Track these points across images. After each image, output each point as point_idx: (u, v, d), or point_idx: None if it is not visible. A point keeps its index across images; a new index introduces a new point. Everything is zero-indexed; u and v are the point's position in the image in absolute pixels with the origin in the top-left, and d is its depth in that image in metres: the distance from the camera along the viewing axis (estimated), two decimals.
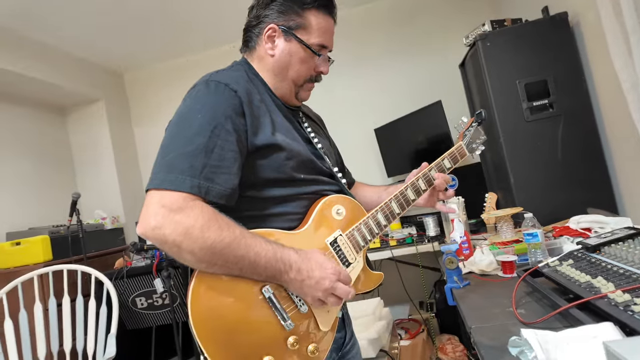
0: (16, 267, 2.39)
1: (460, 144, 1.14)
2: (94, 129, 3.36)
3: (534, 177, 1.73)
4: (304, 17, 0.89)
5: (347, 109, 3.20)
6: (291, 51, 0.90)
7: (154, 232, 0.70)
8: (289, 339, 0.77)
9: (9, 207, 2.72)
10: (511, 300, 0.92)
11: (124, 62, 3.46)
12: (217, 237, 0.71)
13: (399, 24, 3.13)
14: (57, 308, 1.84)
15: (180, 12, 2.79)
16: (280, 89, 0.93)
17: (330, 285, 0.77)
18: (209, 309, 0.73)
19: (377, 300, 2.13)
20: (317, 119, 1.15)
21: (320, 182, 0.92)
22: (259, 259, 0.74)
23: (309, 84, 0.95)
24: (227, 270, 0.74)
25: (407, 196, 1.01)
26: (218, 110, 0.78)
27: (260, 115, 0.84)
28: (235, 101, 0.80)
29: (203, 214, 0.71)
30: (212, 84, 0.81)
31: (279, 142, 0.83)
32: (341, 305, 0.87)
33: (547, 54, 1.73)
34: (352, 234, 0.91)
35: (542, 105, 1.73)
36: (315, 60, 0.92)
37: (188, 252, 0.70)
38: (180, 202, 0.71)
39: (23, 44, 2.70)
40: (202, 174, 0.74)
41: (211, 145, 0.75)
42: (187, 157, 0.74)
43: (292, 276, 0.76)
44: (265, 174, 0.83)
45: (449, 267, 1.20)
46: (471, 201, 2.05)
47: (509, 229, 1.53)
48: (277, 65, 0.91)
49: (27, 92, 2.94)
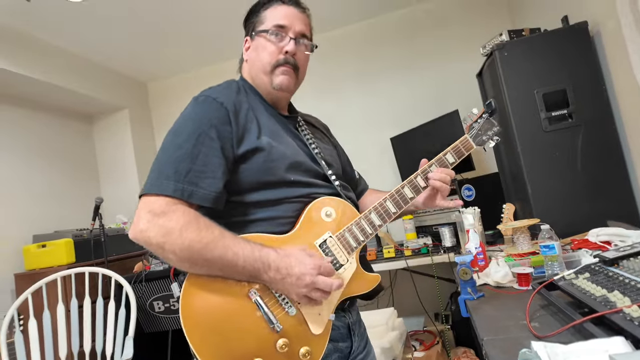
0: (41, 269, 2.48)
1: (466, 137, 1.08)
2: (118, 136, 3.48)
3: (553, 188, 1.70)
4: (261, 16, 0.97)
5: (363, 118, 3.22)
6: (256, 46, 0.96)
7: (142, 235, 0.76)
8: (279, 341, 0.78)
9: (37, 210, 2.84)
10: (525, 312, 0.90)
11: (148, 72, 3.58)
12: (196, 238, 0.75)
13: (416, 34, 3.14)
14: (78, 309, 1.90)
15: (202, 25, 2.88)
16: (261, 87, 0.97)
17: (312, 280, 0.78)
18: (199, 312, 0.77)
19: (390, 310, 2.12)
20: (321, 126, 1.17)
21: (312, 185, 0.92)
22: (237, 259, 0.76)
23: (279, 68, 0.94)
24: (208, 270, 0.78)
25: (404, 194, 0.98)
26: (203, 120, 0.84)
27: (247, 122, 0.88)
28: (221, 111, 0.85)
29: (184, 216, 0.76)
30: (200, 98, 0.88)
31: (262, 145, 0.86)
32: (335, 307, 0.86)
33: (566, 64, 1.71)
34: (342, 235, 0.90)
35: (561, 115, 1.70)
36: (278, 43, 0.94)
37: (170, 252, 0.75)
38: (163, 206, 0.77)
39: (54, 55, 2.83)
40: (186, 178, 0.79)
41: (196, 152, 0.81)
42: (173, 163, 0.80)
43: (271, 275, 0.78)
44: (252, 177, 0.86)
45: (462, 278, 1.18)
46: (489, 212, 2.03)
47: (526, 240, 1.50)
48: (251, 65, 0.98)
49: (56, 101, 3.08)
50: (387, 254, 2.36)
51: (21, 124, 2.87)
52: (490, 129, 1.11)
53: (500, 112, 1.91)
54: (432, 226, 2.59)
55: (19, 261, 2.58)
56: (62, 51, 2.90)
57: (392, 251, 2.36)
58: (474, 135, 1.09)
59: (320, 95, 3.31)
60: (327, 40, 3.34)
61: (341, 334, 0.92)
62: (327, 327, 0.84)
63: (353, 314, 1.00)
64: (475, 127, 1.10)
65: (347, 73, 3.28)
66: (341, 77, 3.29)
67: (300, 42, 0.97)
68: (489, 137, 1.10)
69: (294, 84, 0.98)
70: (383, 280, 2.99)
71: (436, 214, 2.56)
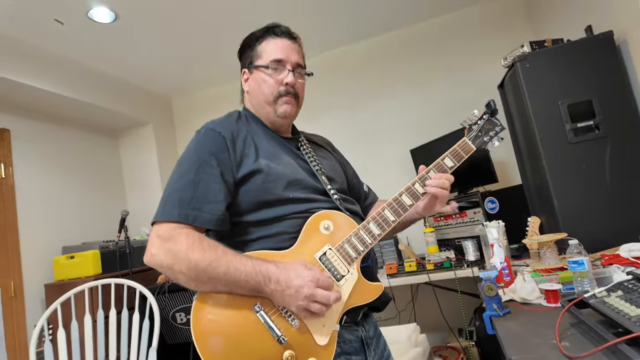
0: (70, 279, 2.55)
1: (464, 139, 1.07)
2: (143, 150, 3.58)
3: (580, 201, 1.65)
4: (257, 50, 1.03)
5: (384, 130, 3.22)
6: (256, 79, 1.03)
7: (153, 259, 0.84)
8: (285, 353, 0.81)
9: (66, 223, 2.94)
10: (554, 331, 0.88)
11: (172, 89, 3.70)
12: (200, 257, 0.81)
13: (437, 46, 3.14)
14: (104, 320, 1.94)
15: (224, 45, 2.97)
16: (263, 115, 1.04)
17: (310, 292, 0.80)
18: (209, 327, 0.82)
19: (412, 326, 2.08)
20: (324, 143, 1.22)
21: (312, 200, 0.96)
22: (239, 274, 0.81)
23: (282, 98, 1.01)
24: (214, 287, 0.83)
25: (402, 202, 0.98)
26: (203, 150, 0.92)
27: (245, 147, 0.95)
28: (219, 140, 0.93)
29: (188, 239, 0.83)
30: (202, 131, 0.96)
31: (261, 167, 0.92)
32: (339, 318, 0.87)
33: (591, 74, 1.68)
34: (341, 246, 0.92)
35: (587, 126, 1.66)
36: (277, 75, 1.00)
37: (178, 272, 0.82)
38: (170, 231, 0.84)
39: (84, 74, 2.96)
40: (190, 204, 0.86)
41: (197, 180, 0.89)
42: (178, 192, 0.88)
43: (272, 287, 0.82)
44: (253, 198, 0.92)
45: (487, 294, 1.16)
46: (513, 225, 1.98)
47: (553, 255, 1.46)
48: (252, 96, 1.05)
49: (85, 117, 3.21)
50: (409, 268, 2.33)
51: (52, 139, 3.00)
52: (492, 130, 1.09)
53: (524, 124, 1.88)
54: (454, 239, 2.55)
55: (49, 272, 2.67)
56: (91, 70, 3.04)
57: (414, 265, 2.33)
58: (473, 137, 1.08)
59: (338, 106, 3.33)
60: (349, 54, 3.38)
61: (354, 347, 0.93)
62: (332, 338, 0.86)
63: (368, 328, 1.00)
64: (475, 129, 1.09)
65: (370, 86, 3.30)
66: (364, 90, 3.32)
67: (297, 73, 1.03)
68: (491, 137, 1.09)
69: (296, 111, 1.05)
70: (405, 294, 2.95)
71: (459, 226, 2.52)
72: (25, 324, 2.49)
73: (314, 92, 3.55)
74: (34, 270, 2.62)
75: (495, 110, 1.10)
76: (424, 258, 2.42)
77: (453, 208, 1.04)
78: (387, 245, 2.81)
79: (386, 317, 2.99)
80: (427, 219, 2.72)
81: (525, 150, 2.02)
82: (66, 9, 2.34)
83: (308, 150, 1.07)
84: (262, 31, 1.04)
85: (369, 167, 3.17)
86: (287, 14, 2.76)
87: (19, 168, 2.70)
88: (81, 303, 1.99)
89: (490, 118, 1.10)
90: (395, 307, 2.89)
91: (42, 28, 2.46)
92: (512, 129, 2.15)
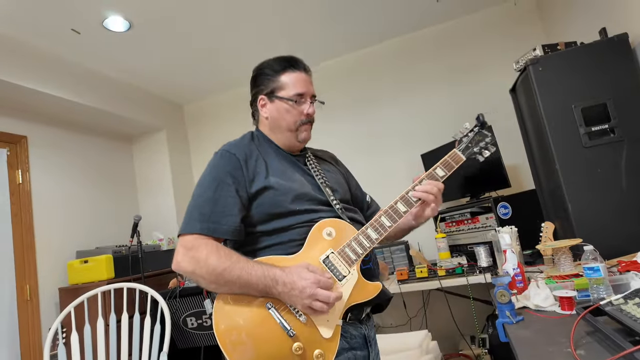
0: (83, 283, 2.59)
1: (454, 151, 1.17)
2: (156, 156, 3.63)
3: (595, 206, 1.62)
4: (278, 81, 1.14)
5: (394, 135, 3.21)
6: (278, 109, 1.14)
7: (178, 266, 0.98)
8: (294, 345, 0.91)
9: (80, 227, 2.99)
10: (569, 339, 0.86)
11: (184, 95, 3.75)
12: (217, 263, 0.94)
13: (447, 51, 3.13)
14: (117, 324, 1.96)
15: (235, 52, 3.02)
16: (280, 140, 1.16)
17: (312, 292, 0.91)
18: (228, 325, 0.94)
19: (424, 332, 2.05)
20: (329, 158, 1.33)
21: (316, 211, 1.07)
22: (251, 278, 0.93)
23: (303, 126, 1.15)
24: (231, 289, 0.96)
25: (398, 209, 1.08)
26: (220, 170, 1.05)
27: (257, 166, 1.07)
28: (234, 161, 1.06)
29: (207, 248, 0.96)
30: (219, 153, 1.09)
31: (271, 184, 1.05)
32: (341, 314, 0.97)
33: (606, 77, 1.65)
34: (342, 250, 1.02)
35: (602, 130, 1.63)
36: (299, 107, 1.13)
37: (199, 276, 0.96)
38: (193, 242, 0.98)
39: (99, 82, 3.03)
40: (210, 218, 1.00)
41: (216, 197, 1.02)
42: (199, 207, 1.02)
43: (279, 289, 0.93)
44: (265, 210, 1.04)
45: (500, 301, 1.14)
46: (526, 230, 1.95)
47: (568, 261, 1.43)
48: (272, 123, 1.16)
49: (100, 123, 3.27)
50: (420, 274, 2.31)
51: (68, 145, 3.07)
52: (482, 141, 1.19)
53: (536, 128, 1.86)
54: (466, 245, 2.51)
55: (63, 276, 2.72)
56: (106, 78, 3.10)
57: (425, 271, 2.30)
58: (463, 149, 1.18)
59: (351, 111, 3.34)
60: (361, 58, 3.39)
61: (359, 343, 1.04)
62: (336, 331, 0.95)
63: (370, 328, 1.11)
64: (465, 140, 1.19)
65: (380, 90, 3.30)
66: (374, 94, 3.32)
67: (314, 103, 1.17)
68: (481, 148, 1.19)
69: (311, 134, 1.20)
70: (416, 300, 2.93)
71: (471, 232, 2.49)
72: (40, 327, 2.53)
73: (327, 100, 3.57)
74: (48, 274, 2.66)
75: (484, 123, 1.20)
76: (436, 264, 2.39)
77: (433, 211, 1.11)
78: (398, 251, 2.79)
79: (397, 323, 2.96)
80: (439, 225, 2.69)
81: (538, 154, 1.99)
82: (83, 19, 2.40)
83: (314, 165, 1.18)
84: (281, 64, 1.15)
85: (379, 172, 3.16)
86: (293, 23, 2.78)
87: (36, 174, 2.76)
88: (94, 307, 2.01)
89: (481, 130, 1.20)
90: (406, 313, 2.87)
91: (60, 37, 2.53)
92: (525, 133, 2.12)
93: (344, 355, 0.99)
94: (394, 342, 1.96)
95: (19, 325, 2.45)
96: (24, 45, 2.51)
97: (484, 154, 1.19)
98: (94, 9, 2.33)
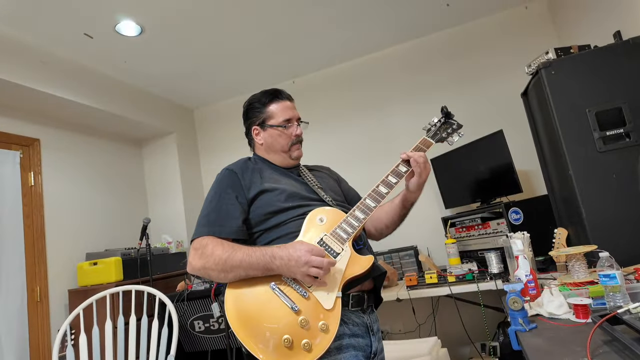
0: (93, 285, 2.60)
1: (423, 137, 1.33)
2: (165, 159, 3.66)
3: (611, 212, 1.58)
4: (267, 111, 1.32)
5: (404, 138, 3.19)
6: (271, 135, 1.31)
7: (191, 266, 1.13)
8: (299, 319, 1.00)
9: (90, 229, 3.02)
10: (585, 348, 0.83)
11: (195, 99, 3.78)
12: (221, 253, 1.08)
13: (459, 54, 3.11)
14: (124, 326, 1.97)
15: (243, 58, 3.03)
16: (276, 159, 1.33)
17: (306, 259, 1.00)
18: (238, 306, 1.05)
19: (433, 339, 2.02)
20: (323, 169, 1.48)
21: (307, 205, 1.19)
22: (252, 259, 1.05)
23: (294, 146, 1.32)
24: (237, 274, 1.07)
25: (380, 191, 1.20)
26: (222, 184, 1.23)
27: (253, 177, 1.24)
28: (232, 175, 1.24)
29: (213, 243, 1.11)
30: (220, 173, 1.27)
31: (265, 188, 1.20)
32: (340, 286, 1.05)
33: (621, 81, 1.62)
34: (334, 231, 1.13)
35: (617, 134, 1.60)
36: (288, 131, 1.30)
37: (209, 269, 1.09)
38: (200, 242, 1.12)
39: (111, 86, 3.07)
40: (215, 223, 1.15)
41: (219, 205, 1.18)
42: (206, 216, 1.18)
43: (277, 263, 1.04)
44: (262, 211, 1.18)
45: (513, 308, 1.11)
46: (539, 237, 1.91)
47: (582, 268, 1.39)
48: (267, 147, 1.33)
49: (111, 127, 3.31)
50: (429, 280, 2.27)
51: (80, 148, 3.11)
52: (449, 128, 1.35)
53: (549, 132, 1.83)
54: (477, 251, 2.48)
55: (73, 278, 2.74)
56: (118, 82, 3.14)
57: (435, 277, 2.27)
58: (432, 135, 1.34)
59: (363, 115, 3.33)
60: (372, 62, 3.38)
61: (361, 331, 1.12)
62: (336, 303, 1.03)
63: (373, 320, 1.19)
64: (433, 129, 1.36)
65: (390, 94, 3.29)
66: (383, 98, 3.31)
67: (300, 125, 1.33)
68: (449, 133, 1.34)
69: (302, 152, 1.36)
70: (425, 307, 2.89)
71: (481, 238, 2.45)
72: (49, 328, 2.55)
73: (332, 106, 3.57)
74: (59, 275, 2.69)
75: (449, 113, 1.36)
76: (445, 270, 2.36)
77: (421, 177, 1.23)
78: (407, 256, 2.76)
79: (406, 330, 2.92)
80: (449, 230, 2.66)
81: (550, 159, 1.96)
82: (95, 24, 2.43)
83: (306, 174, 1.33)
84: (267, 96, 1.32)
85: None
86: (303, 28, 2.79)
87: (48, 176, 2.79)
88: (103, 309, 2.02)
89: (447, 120, 1.36)
90: (415, 320, 2.83)
91: (73, 42, 2.57)
92: (537, 138, 2.09)
93: (345, 341, 1.07)
94: (403, 349, 1.93)
95: (29, 326, 2.47)
96: (36, 50, 2.55)
97: (453, 138, 1.34)
98: (106, 14, 2.36)
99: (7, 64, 2.36)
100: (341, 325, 1.06)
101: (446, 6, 2.83)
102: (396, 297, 2.25)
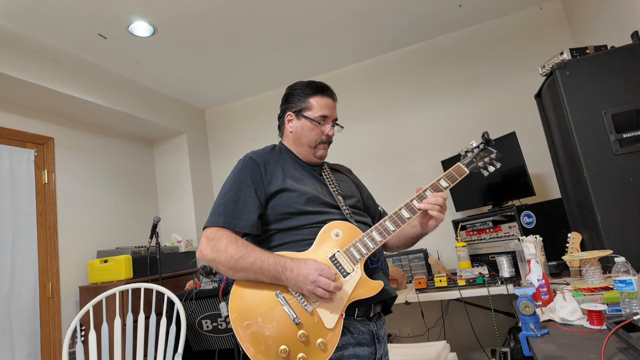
0: (103, 283, 2.63)
1: (458, 164, 1.27)
2: (176, 159, 3.69)
3: (627, 216, 1.54)
4: (307, 102, 1.27)
5: (415, 140, 3.17)
6: (302, 125, 1.27)
7: (201, 254, 1.11)
8: (299, 332, 1.00)
9: (102, 227, 3.05)
10: (599, 355, 0.80)
11: (206, 99, 3.81)
12: (235, 252, 1.06)
13: (472, 55, 3.08)
14: (133, 324, 1.98)
15: (254, 59, 3.04)
16: (300, 153, 1.29)
17: (315, 279, 1.00)
18: (241, 308, 1.05)
19: (442, 343, 1.99)
20: (344, 170, 1.45)
21: (326, 213, 1.17)
22: (263, 264, 1.05)
23: (321, 145, 1.27)
24: (246, 275, 1.06)
25: (402, 215, 1.16)
26: (243, 173, 1.19)
27: (275, 171, 1.20)
28: (255, 166, 1.19)
29: (227, 238, 1.09)
30: (242, 159, 1.23)
31: (287, 186, 1.16)
32: (344, 307, 1.04)
33: (638, 82, 1.58)
34: (348, 250, 1.11)
35: (635, 137, 1.55)
36: (321, 127, 1.26)
37: (219, 263, 1.08)
38: (215, 233, 1.10)
39: (124, 86, 3.10)
40: (232, 214, 1.13)
41: (237, 196, 1.15)
42: (223, 205, 1.15)
43: (287, 275, 1.03)
44: (280, 210, 1.15)
45: (524, 313, 1.09)
46: (551, 241, 1.88)
47: (596, 273, 1.36)
48: (295, 137, 1.29)
49: (123, 127, 3.35)
50: (439, 283, 2.25)
51: (92, 147, 3.15)
52: (487, 156, 1.27)
53: (563, 135, 1.79)
54: (488, 255, 2.44)
55: (84, 275, 2.78)
56: (131, 82, 3.18)
57: (444, 280, 2.24)
58: (467, 163, 1.27)
59: (374, 117, 3.32)
60: (384, 63, 3.37)
61: (365, 339, 1.11)
62: (338, 323, 1.02)
63: (379, 327, 1.17)
64: (469, 155, 1.28)
65: (403, 95, 3.26)
66: (396, 99, 3.29)
67: (335, 126, 1.30)
68: (486, 163, 1.27)
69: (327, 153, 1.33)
70: (434, 310, 2.85)
71: (492, 241, 2.41)
72: (60, 324, 2.58)
73: (342, 107, 3.56)
74: (70, 272, 2.72)
75: (489, 140, 1.28)
76: (455, 273, 2.33)
77: (438, 222, 1.18)
78: (416, 259, 2.73)
79: (415, 333, 2.89)
80: (459, 233, 2.62)
81: (565, 162, 1.92)
82: (109, 24, 2.46)
83: (328, 176, 1.30)
84: (313, 87, 1.27)
85: (399, 178, 3.12)
86: (315, 29, 2.79)
87: (61, 174, 2.83)
88: (112, 306, 2.04)
89: (486, 147, 1.29)
90: (424, 323, 2.80)
91: (87, 43, 2.61)
92: (551, 140, 2.05)
93: (349, 351, 1.06)
94: (412, 353, 1.91)
95: (40, 322, 2.50)
96: (51, 49, 2.60)
97: (488, 169, 1.27)
98: (120, 15, 2.39)
99: (23, 63, 2.41)
100: (345, 335, 1.06)
101: (458, 7, 2.80)
102: (405, 300, 2.23)
